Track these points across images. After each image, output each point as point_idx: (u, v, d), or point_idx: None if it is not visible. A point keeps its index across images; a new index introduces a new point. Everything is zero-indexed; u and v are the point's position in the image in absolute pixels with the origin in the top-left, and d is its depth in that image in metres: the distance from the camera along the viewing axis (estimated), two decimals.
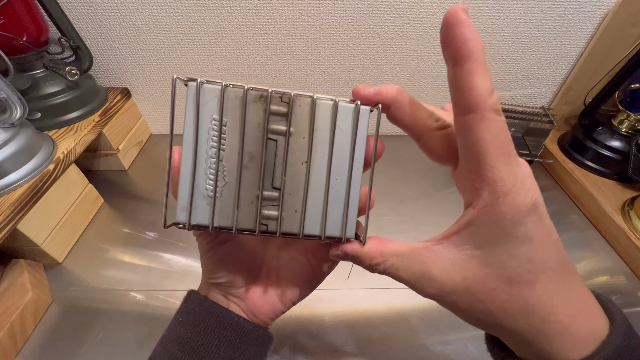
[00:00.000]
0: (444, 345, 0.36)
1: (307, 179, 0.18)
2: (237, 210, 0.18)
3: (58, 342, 0.35)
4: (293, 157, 0.18)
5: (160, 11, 0.51)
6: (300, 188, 0.18)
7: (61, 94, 0.48)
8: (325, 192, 0.18)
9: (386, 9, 0.51)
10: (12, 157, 0.37)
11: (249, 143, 0.18)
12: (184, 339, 0.22)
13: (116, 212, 0.51)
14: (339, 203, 0.19)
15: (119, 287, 0.41)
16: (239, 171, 0.18)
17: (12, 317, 0.34)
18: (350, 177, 0.18)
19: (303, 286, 0.24)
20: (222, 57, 0.56)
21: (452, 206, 0.52)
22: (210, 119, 0.18)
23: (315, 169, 0.18)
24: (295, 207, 0.18)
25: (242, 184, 0.18)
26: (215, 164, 0.18)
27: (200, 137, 0.18)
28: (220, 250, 0.22)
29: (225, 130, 0.18)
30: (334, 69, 0.58)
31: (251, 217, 0.18)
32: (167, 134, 0.68)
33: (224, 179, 0.18)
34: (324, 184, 0.18)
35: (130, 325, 0.37)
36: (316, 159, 0.18)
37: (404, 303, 0.40)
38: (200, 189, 0.18)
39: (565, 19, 0.53)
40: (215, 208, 0.18)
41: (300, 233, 0.18)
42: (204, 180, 0.18)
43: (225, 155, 0.18)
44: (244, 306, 0.24)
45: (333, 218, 0.19)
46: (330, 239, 0.19)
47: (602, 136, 0.55)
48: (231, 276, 0.23)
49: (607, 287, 0.42)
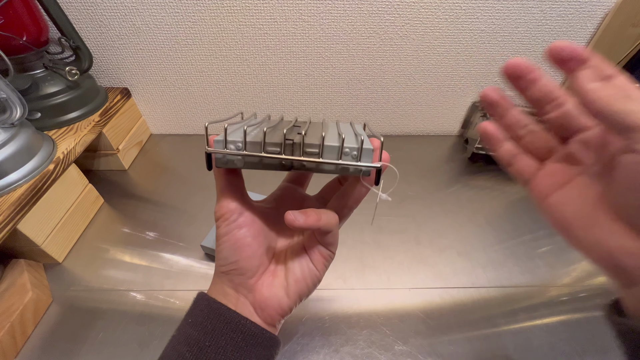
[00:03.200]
0: (444, 345, 0.36)
1: (323, 130, 0.22)
2: (267, 133, 0.20)
3: (58, 342, 0.35)
4: (311, 127, 0.23)
5: (160, 11, 0.51)
6: (318, 132, 0.22)
7: (61, 94, 0.48)
8: (339, 133, 0.21)
9: (386, 9, 0.51)
10: (12, 157, 0.37)
11: (280, 126, 0.23)
12: (192, 339, 0.23)
13: (116, 212, 0.51)
14: (350, 134, 0.22)
15: (119, 287, 0.41)
16: (272, 127, 0.22)
17: (12, 317, 0.34)
18: (356, 131, 0.23)
19: (307, 280, 0.25)
20: (222, 57, 0.56)
21: (452, 206, 0.52)
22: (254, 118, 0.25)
23: (329, 129, 0.24)
24: (316, 135, 0.21)
25: (273, 129, 0.22)
26: (253, 125, 0.23)
27: (244, 122, 0.24)
28: (236, 234, 0.24)
29: (264, 121, 0.25)
30: (334, 69, 0.58)
31: (278, 135, 0.21)
32: (167, 134, 0.68)
33: (259, 128, 0.22)
34: (336, 131, 0.23)
35: (130, 325, 0.37)
36: (329, 128, 0.24)
37: (404, 303, 0.40)
38: (240, 127, 0.22)
39: (565, 19, 0.53)
40: (249, 135, 0.21)
41: (321, 144, 0.20)
42: (243, 126, 0.21)
43: (263, 125, 0.22)
44: (252, 299, 0.25)
45: (349, 139, 0.21)
46: (349, 149, 0.21)
47: None
48: (243, 262, 0.24)
49: (607, 287, 0.42)
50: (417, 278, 0.42)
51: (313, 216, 0.22)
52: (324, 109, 0.64)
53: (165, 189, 0.55)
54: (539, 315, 0.39)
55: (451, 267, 0.44)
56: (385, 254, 0.45)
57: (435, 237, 0.48)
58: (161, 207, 0.51)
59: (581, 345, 0.36)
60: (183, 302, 0.39)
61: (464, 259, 0.45)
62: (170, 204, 0.52)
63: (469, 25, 0.53)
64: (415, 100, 0.63)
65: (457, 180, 0.58)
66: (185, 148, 0.64)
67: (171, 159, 0.62)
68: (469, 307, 0.39)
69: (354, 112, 0.65)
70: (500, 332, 0.37)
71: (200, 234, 0.44)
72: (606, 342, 0.36)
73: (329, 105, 0.64)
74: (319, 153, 0.20)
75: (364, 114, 0.65)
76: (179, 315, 0.37)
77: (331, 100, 0.63)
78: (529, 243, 0.47)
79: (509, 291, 0.41)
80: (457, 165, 0.61)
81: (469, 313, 0.39)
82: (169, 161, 0.61)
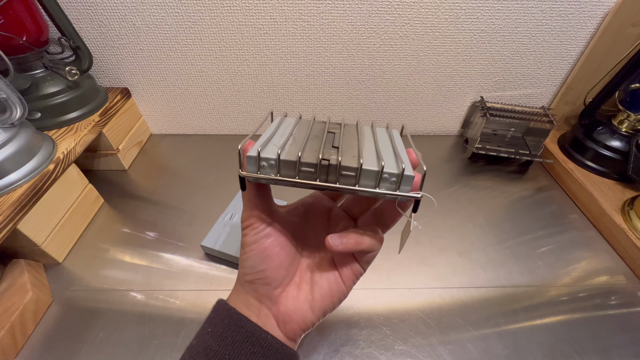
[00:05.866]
0: (444, 345, 0.36)
1: (360, 144, 0.22)
2: (302, 151, 0.20)
3: (58, 342, 0.35)
4: (347, 138, 0.23)
5: (160, 11, 0.51)
6: (355, 147, 0.22)
7: (61, 94, 0.48)
8: (377, 151, 0.21)
9: (386, 9, 0.51)
10: (12, 157, 0.37)
11: (314, 132, 0.23)
12: (212, 350, 0.22)
13: (116, 212, 0.51)
14: (390, 155, 0.21)
15: (119, 287, 0.41)
16: (306, 139, 0.22)
17: (12, 317, 0.34)
18: (395, 146, 0.23)
19: (334, 296, 0.25)
20: (222, 57, 0.56)
21: (453, 205, 0.52)
22: (287, 123, 0.24)
23: (366, 143, 0.23)
24: (352, 154, 0.21)
25: (307, 143, 0.21)
26: (287, 136, 0.22)
27: (278, 130, 0.23)
28: (264, 243, 0.24)
29: (297, 127, 0.24)
30: (334, 69, 0.58)
31: (313, 155, 0.20)
32: (167, 134, 0.68)
33: (293, 141, 0.22)
34: (374, 147, 0.22)
35: (130, 325, 0.37)
36: (365, 140, 0.23)
37: (404, 303, 0.40)
38: (273, 142, 0.21)
39: (565, 19, 0.53)
40: (283, 150, 0.20)
41: (359, 167, 0.19)
42: (277, 140, 0.21)
43: (296, 135, 0.23)
44: (275, 311, 0.24)
45: (388, 160, 0.20)
46: (389, 174, 0.20)
47: (602, 136, 0.55)
48: (270, 272, 0.24)
49: (607, 287, 0.42)
50: (417, 278, 0.42)
51: (352, 241, 0.22)
52: (324, 109, 0.64)
53: (165, 189, 0.55)
54: (539, 315, 0.39)
55: (451, 267, 0.44)
56: (385, 254, 0.45)
57: (435, 237, 0.48)
58: (161, 207, 0.51)
59: (581, 345, 0.36)
60: (183, 302, 0.39)
61: (464, 259, 0.45)
62: (170, 204, 0.52)
63: (469, 25, 0.53)
64: (415, 100, 0.63)
65: (457, 180, 0.58)
66: (185, 148, 0.64)
67: (171, 159, 0.62)
68: (469, 307, 0.39)
69: (354, 112, 0.65)
70: (500, 332, 0.37)
71: (200, 234, 0.44)
72: (606, 342, 0.36)
73: (329, 105, 0.64)
74: (355, 177, 0.19)
75: (364, 114, 0.65)
76: (179, 315, 0.38)
77: (331, 100, 0.63)
78: (529, 243, 0.47)
79: (509, 291, 0.41)
80: (457, 165, 0.61)
81: (469, 313, 0.39)
82: (169, 161, 0.61)
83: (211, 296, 0.40)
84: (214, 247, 0.42)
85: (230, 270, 0.43)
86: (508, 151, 0.59)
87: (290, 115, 0.26)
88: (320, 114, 0.65)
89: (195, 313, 0.38)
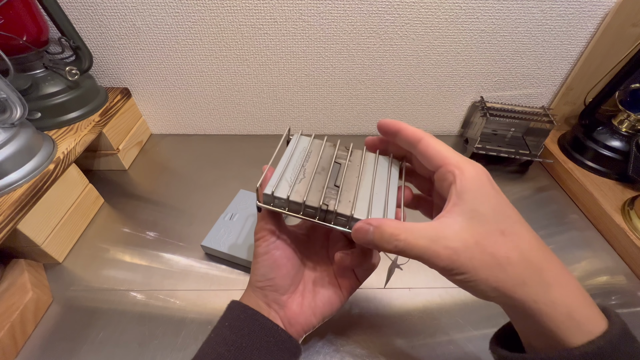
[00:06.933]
0: (444, 345, 0.36)
1: (358, 184, 0.26)
2: (308, 192, 0.25)
3: (58, 342, 0.35)
4: (349, 173, 0.27)
5: (160, 11, 0.51)
6: (353, 189, 0.26)
7: (61, 94, 0.48)
8: (370, 196, 0.25)
9: (386, 9, 0.51)
10: (12, 157, 0.37)
11: (322, 162, 0.28)
12: (230, 340, 0.25)
13: (116, 212, 0.51)
14: (380, 201, 0.26)
15: (119, 287, 0.41)
16: (313, 173, 0.26)
17: (12, 317, 0.34)
18: (388, 189, 0.26)
19: (333, 304, 0.29)
20: (222, 57, 0.56)
21: None
22: (301, 149, 0.29)
23: (364, 181, 0.27)
24: (349, 199, 0.25)
25: (314, 179, 0.26)
26: (298, 168, 0.27)
27: (292, 158, 0.28)
28: (274, 254, 0.27)
29: (309, 155, 0.28)
30: (334, 69, 0.58)
31: (316, 199, 0.25)
32: (167, 134, 0.68)
33: (303, 175, 0.26)
34: (370, 190, 0.26)
35: (130, 325, 0.37)
36: (365, 177, 0.27)
37: (404, 303, 0.40)
38: (286, 177, 0.26)
39: (565, 19, 0.53)
40: (292, 190, 0.25)
41: (351, 216, 0.24)
42: (289, 175, 0.26)
43: (307, 167, 0.27)
44: (282, 314, 0.28)
45: (376, 209, 0.25)
46: None
47: (602, 136, 0.55)
48: (279, 280, 0.27)
49: (607, 287, 0.42)
50: (417, 278, 0.42)
51: (357, 259, 0.26)
52: (324, 109, 0.64)
53: (165, 189, 0.55)
54: None
55: None
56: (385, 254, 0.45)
57: None
58: (161, 207, 0.51)
59: None
60: (183, 302, 0.39)
61: None
62: (170, 204, 0.52)
63: (469, 25, 0.53)
64: (415, 100, 0.63)
65: None
66: (185, 148, 0.64)
67: (171, 159, 0.62)
68: (469, 307, 0.39)
69: (354, 112, 0.65)
70: None
71: (200, 234, 0.44)
72: None
73: (329, 105, 0.64)
74: (347, 221, 0.24)
75: (364, 114, 0.65)
76: (179, 315, 0.38)
77: (331, 100, 0.63)
78: None
79: None
80: None
81: (469, 313, 0.39)
82: (169, 161, 0.61)
83: (211, 296, 0.40)
84: (214, 247, 0.42)
85: (230, 270, 0.43)
86: (508, 151, 0.59)
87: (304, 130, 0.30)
88: (320, 114, 0.65)
89: (195, 313, 0.38)
